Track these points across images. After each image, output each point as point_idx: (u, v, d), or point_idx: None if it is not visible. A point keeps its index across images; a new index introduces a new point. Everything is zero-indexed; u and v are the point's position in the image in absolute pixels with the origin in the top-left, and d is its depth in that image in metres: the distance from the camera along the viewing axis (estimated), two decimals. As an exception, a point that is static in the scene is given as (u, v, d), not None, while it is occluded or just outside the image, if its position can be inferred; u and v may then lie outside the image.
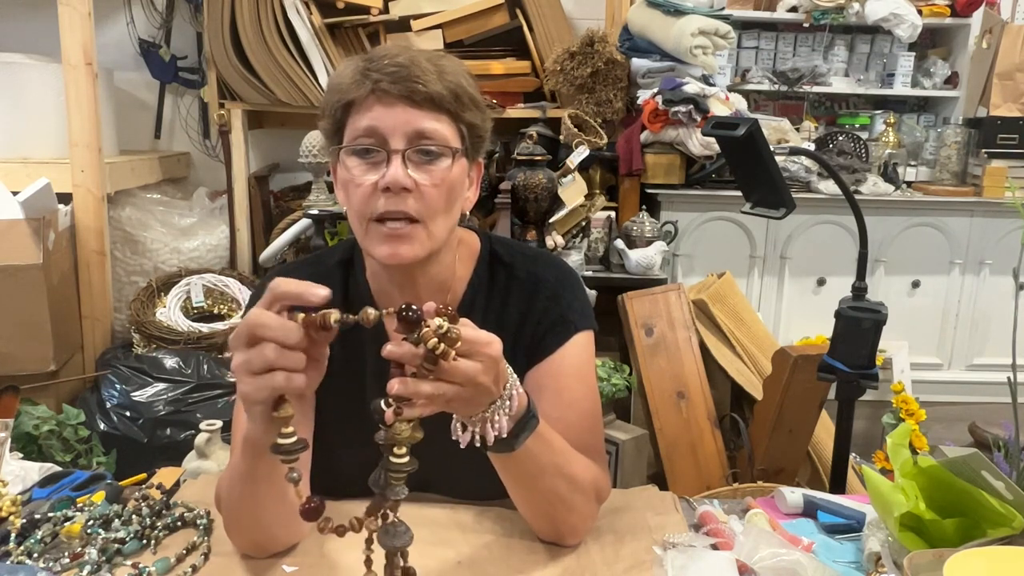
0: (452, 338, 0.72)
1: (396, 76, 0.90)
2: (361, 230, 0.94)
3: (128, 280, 2.72)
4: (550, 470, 0.91)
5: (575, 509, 0.95)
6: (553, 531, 0.98)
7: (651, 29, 2.84)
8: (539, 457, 0.89)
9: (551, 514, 0.95)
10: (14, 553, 0.94)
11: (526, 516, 0.98)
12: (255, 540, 0.94)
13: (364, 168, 0.92)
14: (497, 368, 0.77)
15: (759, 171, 1.51)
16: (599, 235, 2.81)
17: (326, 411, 1.02)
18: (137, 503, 1.04)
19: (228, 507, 0.92)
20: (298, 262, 1.23)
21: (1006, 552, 0.86)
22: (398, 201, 0.90)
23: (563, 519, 0.96)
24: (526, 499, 0.95)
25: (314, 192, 2.75)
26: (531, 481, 0.92)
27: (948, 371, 3.13)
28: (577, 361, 1.04)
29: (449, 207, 0.95)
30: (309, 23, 2.75)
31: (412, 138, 0.91)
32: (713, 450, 2.16)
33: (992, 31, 3.09)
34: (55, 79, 2.44)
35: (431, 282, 1.01)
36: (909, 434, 1.06)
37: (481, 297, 1.06)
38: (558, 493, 0.93)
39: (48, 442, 2.07)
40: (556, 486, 0.92)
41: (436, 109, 0.92)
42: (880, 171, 3.09)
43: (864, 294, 1.48)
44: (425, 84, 0.90)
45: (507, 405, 0.81)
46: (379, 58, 0.92)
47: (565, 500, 0.94)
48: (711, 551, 0.92)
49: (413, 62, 0.91)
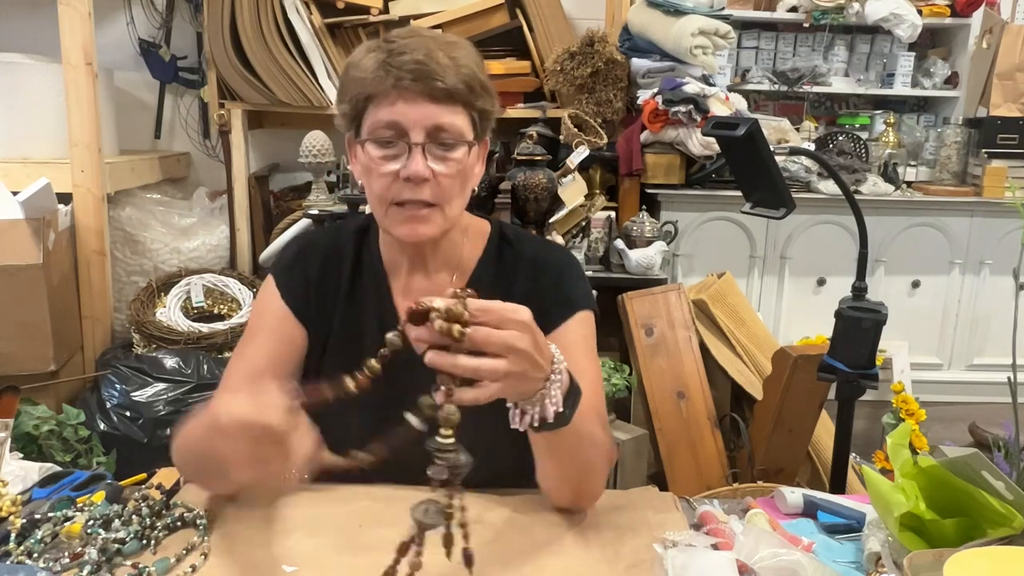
0: (456, 311, 0.74)
1: (417, 73, 0.95)
2: (381, 211, 1.03)
3: (128, 280, 2.72)
4: (586, 440, 0.94)
5: (599, 475, 0.99)
6: (574, 499, 1.00)
7: (651, 29, 2.84)
8: (579, 428, 0.91)
9: (580, 483, 0.98)
10: (14, 553, 0.94)
11: (553, 487, 1.00)
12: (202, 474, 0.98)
13: (385, 156, 0.99)
14: (534, 335, 0.79)
15: (759, 171, 1.52)
16: (599, 235, 2.81)
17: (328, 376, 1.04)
18: (137, 503, 1.04)
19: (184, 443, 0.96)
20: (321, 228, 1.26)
21: (1006, 552, 0.86)
22: (418, 190, 0.99)
23: (588, 487, 0.99)
24: (560, 473, 0.97)
25: (314, 192, 2.75)
26: (570, 453, 0.94)
27: (948, 371, 3.14)
28: (581, 335, 1.08)
29: (463, 190, 1.04)
30: (309, 23, 2.75)
31: (431, 131, 0.98)
32: (713, 450, 2.16)
33: (992, 31, 3.09)
34: (55, 79, 2.44)
35: (440, 257, 1.09)
36: (909, 434, 1.06)
37: (489, 274, 1.12)
38: (590, 461, 0.96)
39: (48, 442, 2.07)
40: (589, 455, 0.95)
41: (453, 102, 0.99)
42: (880, 171, 3.09)
43: (864, 294, 1.48)
44: (443, 80, 0.96)
45: (560, 379, 0.84)
46: (399, 51, 0.97)
47: (595, 468, 0.97)
48: (711, 551, 0.92)
49: (431, 58, 0.96)
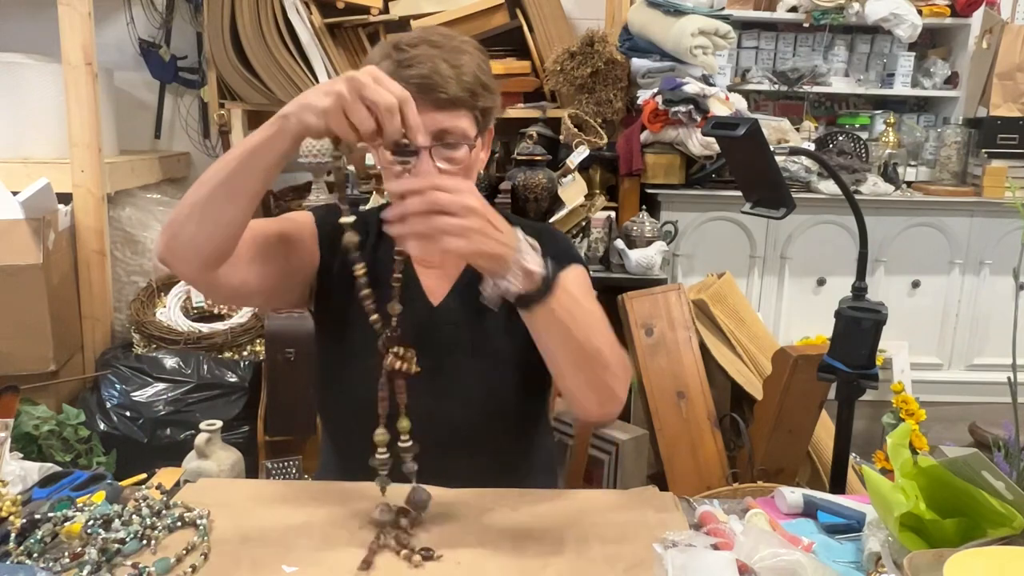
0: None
1: (422, 87, 1.04)
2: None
3: (128, 280, 2.72)
4: (582, 320, 0.99)
5: (610, 367, 1.02)
6: (595, 396, 1.03)
7: (651, 29, 2.84)
8: (572, 309, 0.97)
9: (592, 370, 1.01)
10: (14, 553, 0.94)
11: (572, 386, 1.03)
12: (192, 235, 0.99)
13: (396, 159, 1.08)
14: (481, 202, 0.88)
15: (759, 171, 1.51)
16: (599, 235, 2.81)
17: (330, 328, 1.19)
18: (137, 503, 1.04)
19: (204, 178, 0.99)
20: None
21: (1006, 552, 0.86)
22: None
23: (603, 378, 1.02)
24: (566, 357, 1.00)
25: (314, 192, 2.75)
26: (567, 333, 0.98)
27: (948, 371, 3.13)
28: (579, 282, 1.17)
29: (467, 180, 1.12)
30: (309, 23, 2.75)
31: (437, 135, 1.07)
32: (713, 450, 2.16)
33: (992, 31, 3.09)
34: (55, 79, 2.44)
35: None
36: (909, 434, 1.06)
37: None
38: (595, 345, 1.00)
39: (48, 442, 2.07)
40: (591, 338, 1.00)
41: (456, 108, 1.08)
42: (880, 171, 3.09)
43: (864, 294, 1.48)
44: (447, 91, 1.06)
45: (530, 251, 0.92)
46: (407, 63, 1.06)
47: (602, 354, 1.01)
48: (711, 551, 0.92)
49: (435, 71, 1.06)
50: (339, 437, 1.26)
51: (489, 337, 1.18)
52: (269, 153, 0.94)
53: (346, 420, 1.20)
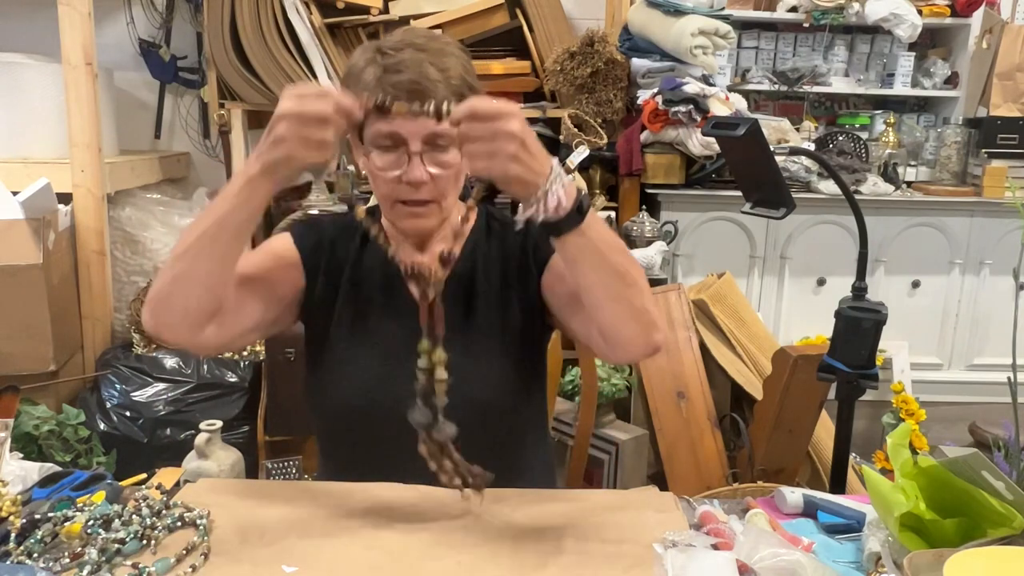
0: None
1: (411, 94, 1.04)
2: (387, 206, 1.15)
3: (128, 280, 2.72)
4: (616, 248, 1.00)
5: (645, 292, 1.02)
6: (637, 325, 1.01)
7: (651, 29, 2.84)
8: (604, 235, 0.98)
9: (630, 298, 1.00)
10: (14, 553, 0.94)
11: (608, 317, 1.02)
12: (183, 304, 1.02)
13: (387, 161, 1.09)
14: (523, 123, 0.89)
15: (759, 171, 1.51)
16: (599, 235, 2.81)
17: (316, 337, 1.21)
18: (137, 503, 1.04)
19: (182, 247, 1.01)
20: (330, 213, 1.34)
21: (1006, 552, 0.86)
22: (417, 191, 1.10)
23: (642, 303, 1.01)
24: (603, 286, 1.00)
25: (314, 192, 2.75)
26: (602, 259, 0.98)
27: (948, 371, 3.14)
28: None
29: (457, 183, 1.16)
30: (309, 23, 2.75)
31: (427, 139, 1.07)
32: (713, 450, 2.16)
33: (992, 31, 3.09)
34: (55, 79, 2.44)
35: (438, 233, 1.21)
36: (909, 434, 1.06)
37: (482, 242, 1.25)
38: (629, 271, 1.00)
39: (48, 442, 2.07)
40: (623, 263, 1.00)
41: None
42: (880, 171, 3.09)
43: (864, 294, 1.48)
44: (435, 96, 1.04)
45: (562, 178, 0.92)
46: (393, 69, 1.07)
47: (636, 281, 1.01)
48: (711, 551, 0.92)
49: (423, 75, 1.06)
50: (327, 443, 1.28)
51: (481, 336, 1.18)
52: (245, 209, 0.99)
53: (334, 427, 1.22)
